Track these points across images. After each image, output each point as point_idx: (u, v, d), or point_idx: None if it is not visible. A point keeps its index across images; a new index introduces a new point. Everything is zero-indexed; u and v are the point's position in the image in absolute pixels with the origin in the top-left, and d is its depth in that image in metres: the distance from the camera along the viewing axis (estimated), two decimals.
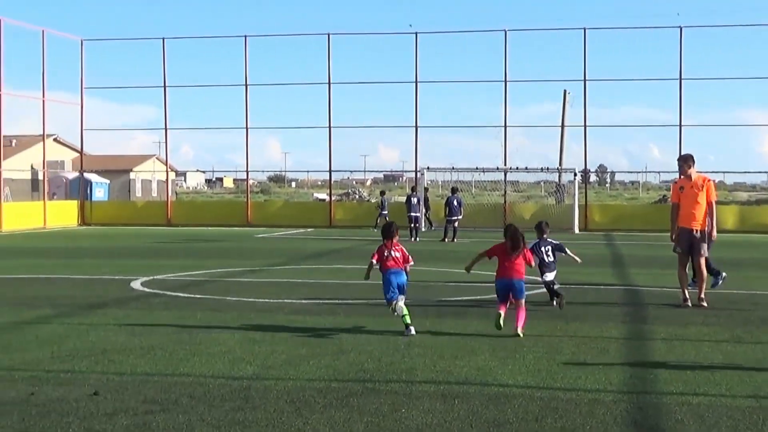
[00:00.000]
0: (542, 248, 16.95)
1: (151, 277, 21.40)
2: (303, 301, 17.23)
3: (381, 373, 10.65)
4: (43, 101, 49.42)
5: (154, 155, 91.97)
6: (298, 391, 9.67)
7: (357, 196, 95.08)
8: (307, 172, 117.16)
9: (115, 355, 11.71)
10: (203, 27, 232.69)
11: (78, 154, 59.23)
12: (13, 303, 17.00)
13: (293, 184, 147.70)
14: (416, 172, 49.73)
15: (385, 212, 45.34)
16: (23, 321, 14.78)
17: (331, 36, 50.31)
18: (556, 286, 16.77)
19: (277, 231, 44.86)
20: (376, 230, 44.74)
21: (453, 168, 50.84)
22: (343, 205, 57.03)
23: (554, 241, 17.41)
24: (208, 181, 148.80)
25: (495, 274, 14.21)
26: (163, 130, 53.28)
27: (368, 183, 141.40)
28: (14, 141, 71.22)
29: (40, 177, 57.01)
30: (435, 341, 12.95)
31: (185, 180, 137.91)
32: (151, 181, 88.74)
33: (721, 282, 19.16)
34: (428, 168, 49.13)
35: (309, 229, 45.76)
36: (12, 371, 10.73)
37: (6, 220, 45.37)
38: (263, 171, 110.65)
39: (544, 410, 8.98)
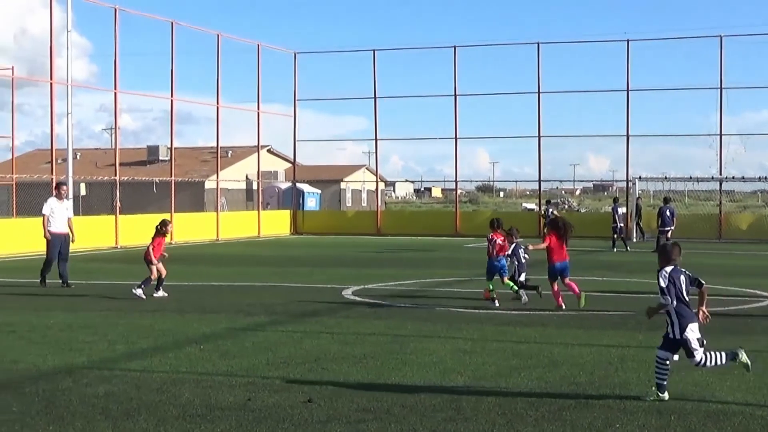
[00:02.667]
0: (519, 250, 19.34)
1: (362, 286, 21.68)
2: (513, 312, 17.15)
3: (594, 387, 10.48)
4: (258, 113, 50.79)
5: (364, 165, 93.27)
6: (509, 404, 9.60)
7: (566, 206, 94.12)
8: (515, 182, 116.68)
9: (328, 363, 11.89)
10: (413, 38, 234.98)
11: (290, 165, 60.60)
12: (231, 310, 17.50)
13: (501, 193, 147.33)
14: (627, 181, 48.88)
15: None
16: (240, 327, 15.19)
17: (540, 45, 49.97)
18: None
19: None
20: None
21: (665, 177, 49.72)
22: None
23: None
24: (416, 191, 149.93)
25: (550, 260, 17.88)
26: (373, 141, 54.06)
27: (577, 192, 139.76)
28: (230, 152, 73.39)
29: (255, 187, 58.56)
30: (649, 355, 12.60)
31: (394, 190, 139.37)
32: (361, 191, 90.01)
33: None
34: (639, 177, 48.20)
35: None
36: (230, 377, 11.03)
37: (223, 229, 46.79)
38: (471, 181, 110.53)
39: (765, 429, 8.65)
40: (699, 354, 9.75)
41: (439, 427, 8.67)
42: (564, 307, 17.48)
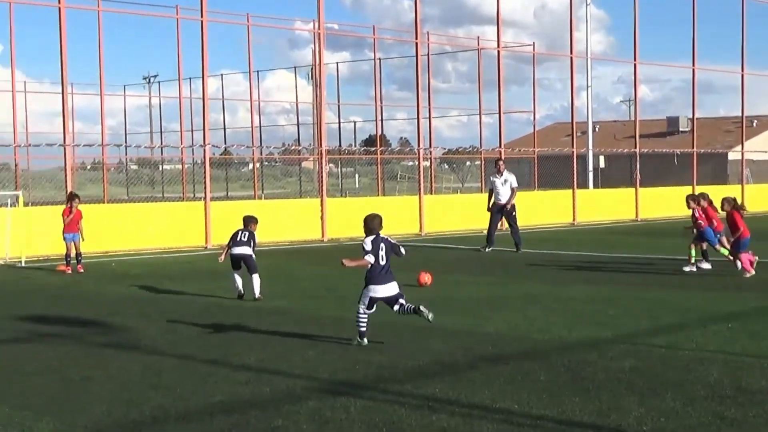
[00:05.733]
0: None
1: None
2: None
3: None
4: None
5: None
6: None
7: None
8: None
9: None
10: None
11: None
12: (762, 288, 16.71)
13: None
14: None
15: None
16: None
17: None
18: None
19: None
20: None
21: None
22: None
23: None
24: None
25: None
26: None
27: None
28: (755, 121, 70.60)
29: None
30: None
31: None
32: None
33: None
34: None
35: None
36: (761, 359, 10.36)
37: (750, 203, 44.95)
38: None
39: None
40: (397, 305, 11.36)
41: None
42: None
